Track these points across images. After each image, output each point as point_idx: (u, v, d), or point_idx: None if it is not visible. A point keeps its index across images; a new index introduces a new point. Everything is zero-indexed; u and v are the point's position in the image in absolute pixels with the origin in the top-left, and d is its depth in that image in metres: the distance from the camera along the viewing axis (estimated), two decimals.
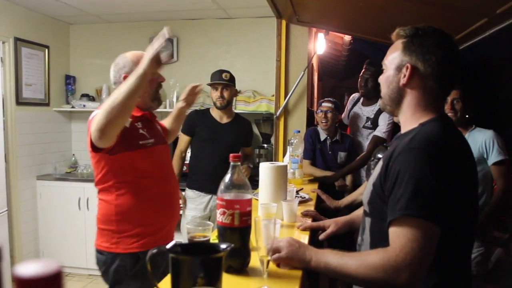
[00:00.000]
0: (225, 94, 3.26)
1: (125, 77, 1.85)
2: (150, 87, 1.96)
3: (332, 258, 1.16)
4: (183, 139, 3.37)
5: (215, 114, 3.36)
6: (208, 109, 3.46)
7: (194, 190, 3.33)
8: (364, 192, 1.35)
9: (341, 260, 1.14)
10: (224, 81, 3.25)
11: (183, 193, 3.40)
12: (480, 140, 2.62)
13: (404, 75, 1.23)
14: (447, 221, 1.08)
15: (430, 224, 1.05)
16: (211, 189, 3.17)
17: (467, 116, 2.69)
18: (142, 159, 1.90)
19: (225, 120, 3.35)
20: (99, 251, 1.93)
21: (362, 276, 1.09)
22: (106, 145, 1.72)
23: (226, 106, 3.30)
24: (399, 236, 1.07)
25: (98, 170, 1.90)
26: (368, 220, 1.29)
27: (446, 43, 1.23)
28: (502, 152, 2.60)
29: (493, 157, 2.59)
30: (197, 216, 3.28)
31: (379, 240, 1.20)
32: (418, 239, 1.04)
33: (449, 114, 2.67)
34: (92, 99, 4.61)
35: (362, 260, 1.10)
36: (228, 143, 3.26)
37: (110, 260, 1.88)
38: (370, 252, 1.14)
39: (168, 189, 2.02)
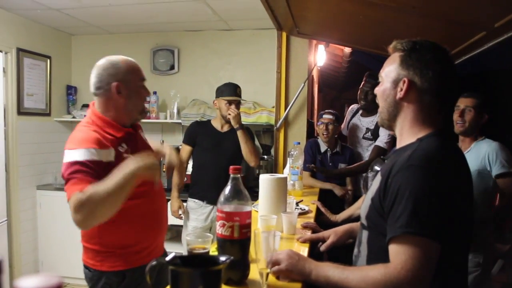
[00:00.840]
0: (237, 109, 3.26)
1: (116, 86, 1.73)
2: (140, 98, 1.83)
3: (333, 272, 1.16)
4: (185, 149, 3.36)
5: (216, 124, 3.36)
6: (209, 121, 3.46)
7: (196, 200, 3.32)
8: (362, 206, 1.35)
9: (342, 275, 1.14)
10: (239, 98, 3.26)
11: (185, 204, 3.40)
12: (483, 151, 2.56)
13: (401, 89, 1.24)
14: (446, 236, 1.09)
15: (430, 242, 1.07)
16: (214, 198, 3.14)
17: (477, 126, 2.61)
18: None
19: (225, 128, 3.35)
20: (85, 266, 1.85)
21: None
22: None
23: None
24: (400, 253, 1.08)
25: None
26: (365, 233, 1.29)
27: (443, 58, 1.25)
28: (506, 164, 2.52)
29: (496, 170, 2.53)
30: (198, 227, 3.27)
31: (377, 253, 1.22)
32: (419, 256, 1.05)
33: (458, 123, 2.60)
34: None
35: (363, 276, 1.11)
36: (230, 151, 3.25)
37: (96, 277, 1.81)
38: (371, 268, 1.14)
39: (154, 206, 1.91)
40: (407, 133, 1.27)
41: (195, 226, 3.28)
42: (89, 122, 1.78)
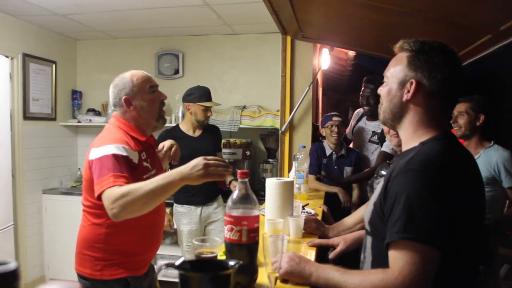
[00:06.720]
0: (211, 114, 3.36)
1: (125, 100, 1.79)
2: (152, 106, 1.85)
3: (333, 275, 1.16)
4: None
5: (185, 128, 3.36)
6: (177, 126, 3.44)
7: (184, 205, 3.34)
8: (365, 211, 1.33)
9: (341, 278, 1.14)
10: (215, 103, 3.34)
11: (167, 209, 3.41)
12: (493, 160, 2.53)
13: (408, 91, 1.21)
14: (449, 244, 1.06)
15: (428, 248, 1.04)
16: (201, 201, 3.30)
17: (475, 127, 2.62)
18: None
19: (197, 132, 3.36)
20: (81, 277, 1.79)
21: None
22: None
23: None
24: (397, 259, 1.07)
25: (93, 197, 1.68)
26: (369, 239, 1.28)
27: (452, 61, 1.21)
28: None
29: (507, 183, 2.52)
30: (193, 229, 3.29)
31: (380, 259, 1.19)
32: (416, 262, 1.04)
33: (455, 128, 2.63)
34: (98, 113, 4.65)
35: (362, 280, 1.11)
36: (208, 154, 3.26)
37: (98, 287, 1.77)
38: (371, 272, 1.15)
39: (157, 218, 1.91)
40: (411, 136, 1.24)
41: (190, 229, 3.30)
42: (115, 125, 1.83)
